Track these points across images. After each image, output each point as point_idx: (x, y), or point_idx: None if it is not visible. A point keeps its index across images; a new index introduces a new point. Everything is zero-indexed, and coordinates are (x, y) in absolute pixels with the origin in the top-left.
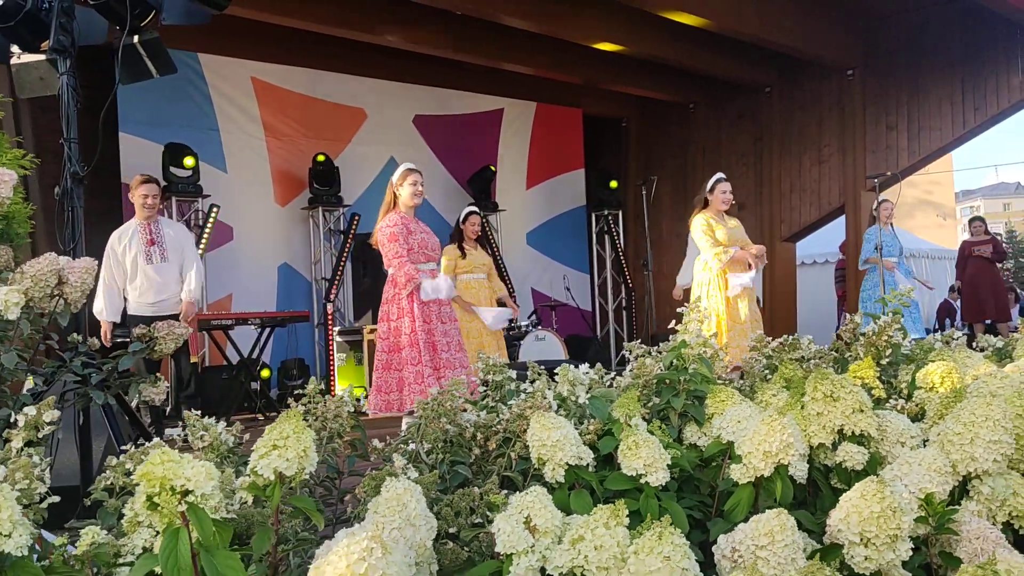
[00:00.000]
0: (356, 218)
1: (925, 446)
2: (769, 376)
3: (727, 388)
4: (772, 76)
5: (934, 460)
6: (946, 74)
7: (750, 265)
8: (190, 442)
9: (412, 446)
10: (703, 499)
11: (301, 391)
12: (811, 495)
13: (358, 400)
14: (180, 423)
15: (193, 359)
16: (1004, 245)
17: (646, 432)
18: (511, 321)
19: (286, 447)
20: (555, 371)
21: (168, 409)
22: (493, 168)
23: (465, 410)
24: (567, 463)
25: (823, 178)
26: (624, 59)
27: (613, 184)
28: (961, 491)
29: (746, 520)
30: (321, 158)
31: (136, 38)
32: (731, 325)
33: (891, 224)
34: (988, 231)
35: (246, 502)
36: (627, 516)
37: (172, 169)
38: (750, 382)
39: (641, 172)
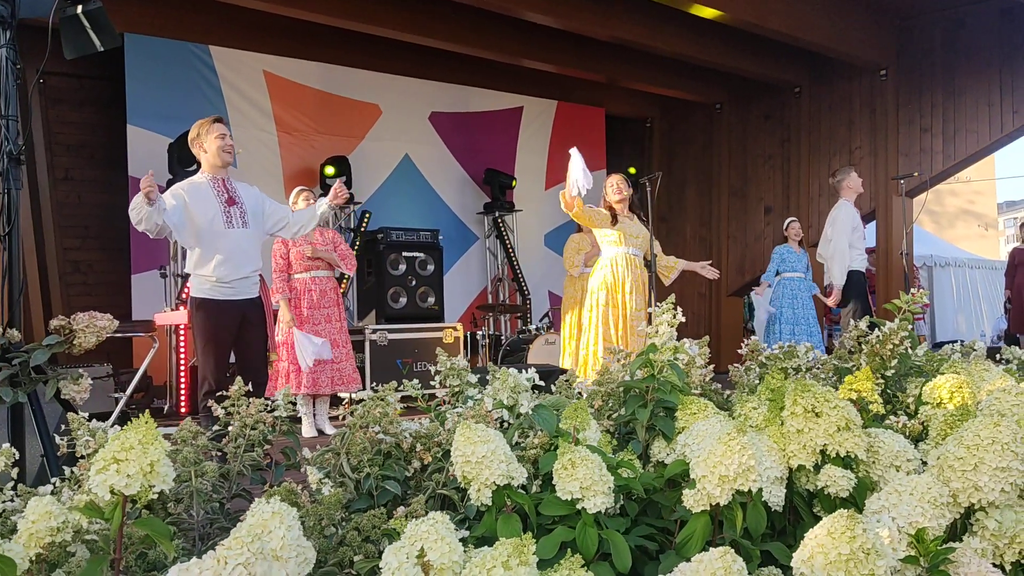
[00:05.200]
0: (367, 215)
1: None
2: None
3: (700, 400)
4: (801, 76)
5: (929, 489)
6: (983, 75)
7: None
8: (76, 450)
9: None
10: (667, 525)
11: (225, 393)
12: (791, 523)
13: (292, 404)
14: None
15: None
16: None
17: (586, 449)
18: None
19: (127, 461)
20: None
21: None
22: (515, 180)
23: (413, 419)
24: (495, 483)
25: None
26: (648, 57)
27: (632, 170)
28: (963, 525)
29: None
30: (330, 171)
31: (79, 8)
32: None
33: (798, 242)
34: None
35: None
36: (558, 548)
37: (180, 164)
38: (737, 393)
39: (664, 174)
